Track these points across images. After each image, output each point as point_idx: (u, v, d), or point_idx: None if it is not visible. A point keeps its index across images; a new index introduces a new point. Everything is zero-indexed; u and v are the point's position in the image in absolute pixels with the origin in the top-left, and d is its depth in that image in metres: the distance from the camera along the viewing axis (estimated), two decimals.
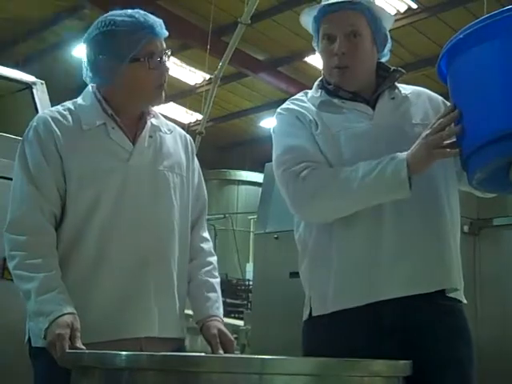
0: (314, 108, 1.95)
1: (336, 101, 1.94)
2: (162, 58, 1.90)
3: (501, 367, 3.74)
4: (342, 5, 1.91)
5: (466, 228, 3.90)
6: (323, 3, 1.95)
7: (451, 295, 1.85)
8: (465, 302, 1.90)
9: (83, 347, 1.64)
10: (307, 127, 1.91)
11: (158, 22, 1.90)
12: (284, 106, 2.01)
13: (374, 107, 1.93)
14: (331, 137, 1.88)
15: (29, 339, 1.84)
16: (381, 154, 1.80)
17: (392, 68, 2.00)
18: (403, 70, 2.00)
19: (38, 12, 9.86)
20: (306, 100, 1.99)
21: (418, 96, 2.00)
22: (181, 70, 11.40)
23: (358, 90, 1.94)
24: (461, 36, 1.64)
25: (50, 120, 1.88)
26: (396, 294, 1.79)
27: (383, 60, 2.02)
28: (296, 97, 2.03)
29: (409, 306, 1.79)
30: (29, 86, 3.66)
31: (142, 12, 1.91)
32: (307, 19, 1.99)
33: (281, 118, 1.98)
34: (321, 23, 1.95)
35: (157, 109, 2.05)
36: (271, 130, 2.02)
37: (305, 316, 1.93)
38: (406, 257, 1.81)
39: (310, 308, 1.90)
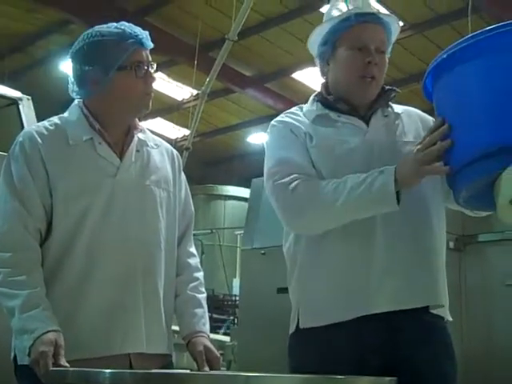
0: (308, 121, 1.96)
1: (332, 115, 1.95)
2: (148, 68, 1.92)
3: (486, 381, 3.76)
4: (376, 17, 1.95)
5: (451, 244, 3.93)
6: (354, 12, 1.94)
7: (436, 312, 1.86)
8: (450, 319, 1.92)
9: (67, 365, 1.62)
10: (301, 139, 1.92)
11: (144, 33, 1.92)
12: (278, 118, 2.02)
13: (367, 123, 1.95)
14: (325, 149, 1.90)
15: (14, 357, 1.82)
16: (372, 168, 1.81)
17: (387, 87, 2.02)
18: (398, 90, 2.03)
19: (24, 27, 9.85)
20: (300, 114, 2.00)
21: (409, 115, 2.03)
22: (168, 86, 11.42)
23: (356, 105, 1.96)
24: (444, 56, 1.66)
25: (36, 135, 1.88)
26: (382, 309, 1.79)
27: None
28: (291, 110, 2.04)
29: (393, 322, 1.80)
30: (15, 102, 3.65)
31: (127, 24, 1.93)
32: (326, 26, 1.97)
33: (274, 131, 1.99)
34: (347, 32, 1.94)
35: (144, 124, 2.05)
36: (264, 143, 2.03)
37: (291, 329, 1.93)
38: (394, 273, 1.82)
39: (298, 321, 1.90)
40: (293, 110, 2.04)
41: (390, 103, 2.01)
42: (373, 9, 1.98)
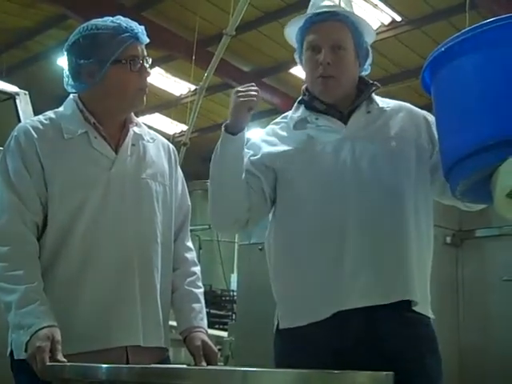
0: (285, 132, 1.99)
1: (309, 118, 1.96)
2: (143, 62, 1.91)
3: (482, 376, 3.77)
4: (328, 15, 1.93)
5: (448, 239, 3.93)
6: (309, 13, 1.96)
7: (415, 309, 1.85)
8: (432, 316, 1.90)
9: (64, 360, 1.62)
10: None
11: (139, 28, 1.92)
12: (267, 127, 2.05)
13: (347, 120, 1.94)
14: (301, 154, 1.91)
15: (11, 352, 1.82)
16: (343, 167, 1.83)
17: (370, 82, 2.01)
18: (378, 84, 2.01)
19: (21, 21, 9.82)
20: (285, 121, 2.03)
21: (398, 110, 2.00)
22: (166, 81, 11.37)
23: (334, 103, 1.96)
24: (443, 49, 1.66)
25: (30, 129, 1.88)
26: (355, 305, 1.79)
27: (363, 74, 2.04)
28: (278, 119, 2.07)
29: (372, 318, 1.80)
30: (12, 97, 3.65)
31: (123, 18, 1.93)
32: (292, 30, 2.01)
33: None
34: (306, 34, 1.97)
35: (141, 119, 2.05)
36: None
37: (274, 327, 1.95)
38: (365, 270, 1.81)
39: (278, 321, 1.92)
40: (282, 115, 2.07)
41: (374, 98, 1.99)
42: (333, 4, 1.96)
